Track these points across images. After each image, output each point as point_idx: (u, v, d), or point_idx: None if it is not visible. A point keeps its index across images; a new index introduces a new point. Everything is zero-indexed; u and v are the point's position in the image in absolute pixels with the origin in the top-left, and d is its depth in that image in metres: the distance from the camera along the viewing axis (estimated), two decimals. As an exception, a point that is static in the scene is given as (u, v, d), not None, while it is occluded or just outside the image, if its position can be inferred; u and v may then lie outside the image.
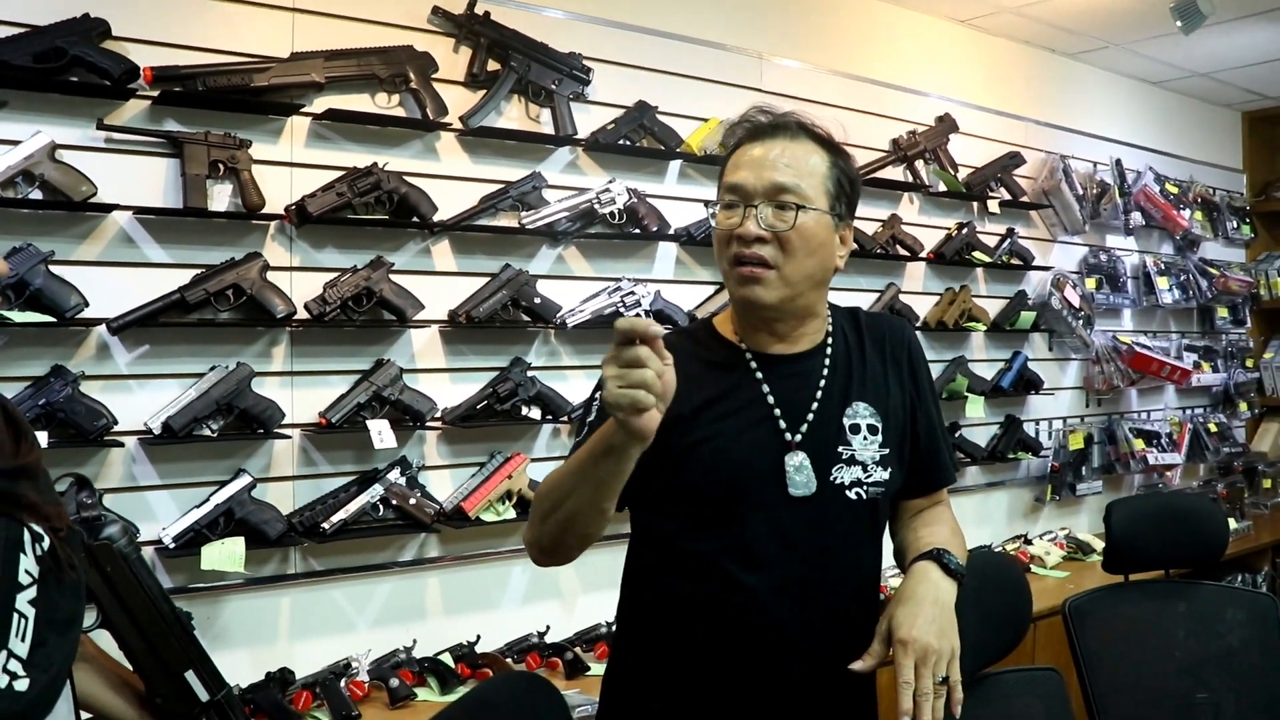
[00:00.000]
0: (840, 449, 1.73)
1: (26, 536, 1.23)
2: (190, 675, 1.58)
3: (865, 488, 1.73)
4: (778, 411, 1.73)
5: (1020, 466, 5.06)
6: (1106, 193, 5.32)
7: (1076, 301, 5.12)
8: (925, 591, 1.64)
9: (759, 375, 1.75)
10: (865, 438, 1.75)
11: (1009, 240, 4.83)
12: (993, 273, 4.88)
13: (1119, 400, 5.59)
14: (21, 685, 1.17)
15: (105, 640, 1.51)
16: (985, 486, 4.92)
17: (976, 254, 4.67)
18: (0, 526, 1.20)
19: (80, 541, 1.41)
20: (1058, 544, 4.81)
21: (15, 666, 1.17)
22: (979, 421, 4.77)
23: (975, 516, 4.77)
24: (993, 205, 4.77)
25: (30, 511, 1.25)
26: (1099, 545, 4.76)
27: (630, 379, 1.36)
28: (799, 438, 1.72)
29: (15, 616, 1.18)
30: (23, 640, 1.19)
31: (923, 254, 4.48)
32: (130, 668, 1.58)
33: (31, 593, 1.21)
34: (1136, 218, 5.47)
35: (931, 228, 4.62)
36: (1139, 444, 5.41)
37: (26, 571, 1.21)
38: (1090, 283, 5.31)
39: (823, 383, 1.76)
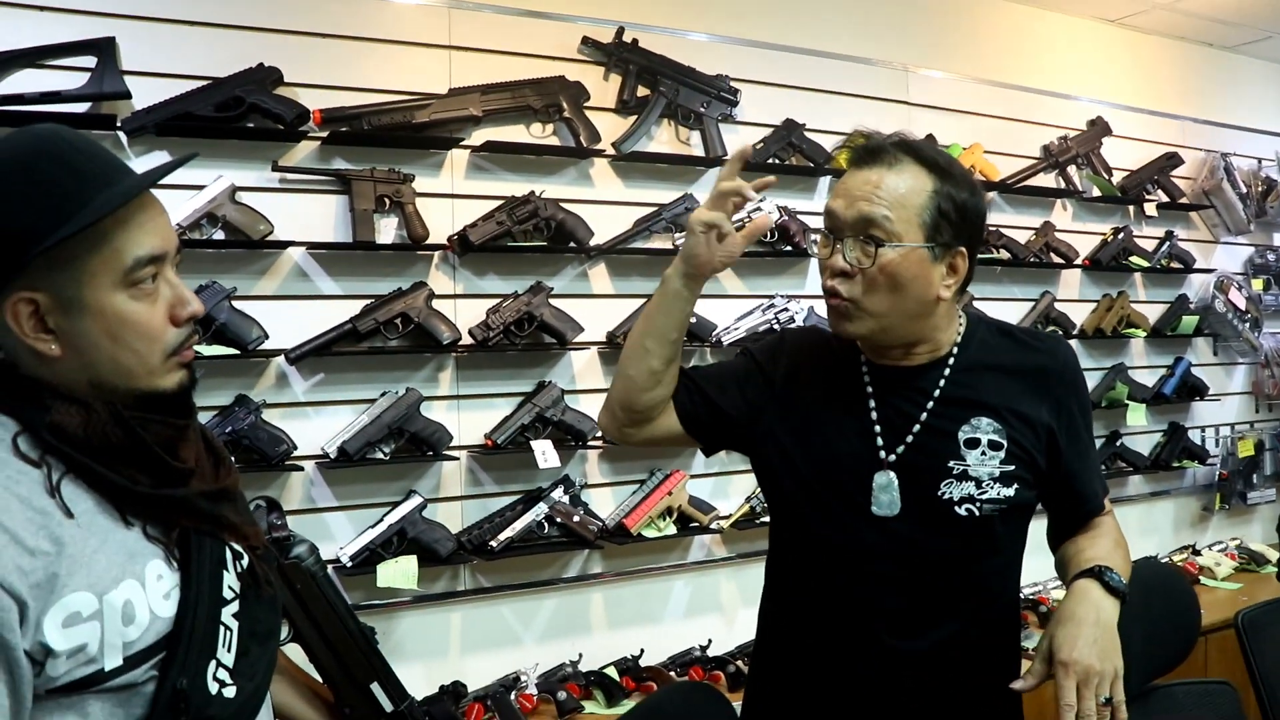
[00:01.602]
0: (952, 464, 1.69)
1: (228, 555, 1.32)
2: (375, 687, 1.66)
3: (978, 504, 1.69)
4: (878, 428, 1.72)
5: (1186, 475, 4.91)
6: (1273, 189, 5.12)
7: (1242, 304, 4.95)
8: (1086, 611, 1.59)
9: (870, 388, 1.74)
10: (984, 453, 1.70)
11: (1168, 243, 4.70)
12: (1151, 277, 4.76)
13: (1291, 405, 5.38)
14: (230, 692, 1.26)
15: (297, 654, 1.60)
16: (1149, 496, 4.79)
17: (1134, 259, 4.55)
18: (205, 546, 1.29)
19: (274, 560, 1.50)
20: (1229, 555, 4.64)
21: (224, 675, 1.26)
22: (1141, 430, 4.65)
23: (1139, 527, 4.65)
24: (1150, 208, 4.65)
25: (231, 531, 1.34)
26: (1274, 556, 4.58)
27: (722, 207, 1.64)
28: (894, 457, 1.70)
29: (222, 629, 1.27)
30: (229, 651, 1.28)
31: (1078, 261, 4.39)
32: (320, 680, 1.67)
33: (235, 607, 1.31)
34: (1306, 213, 5.26)
35: (1086, 234, 4.53)
36: (1314, 449, 5.20)
37: (230, 587, 1.31)
38: (1257, 284, 5.12)
39: (937, 393, 1.73)
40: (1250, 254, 5.20)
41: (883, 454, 1.71)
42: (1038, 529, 1.85)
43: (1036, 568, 2.02)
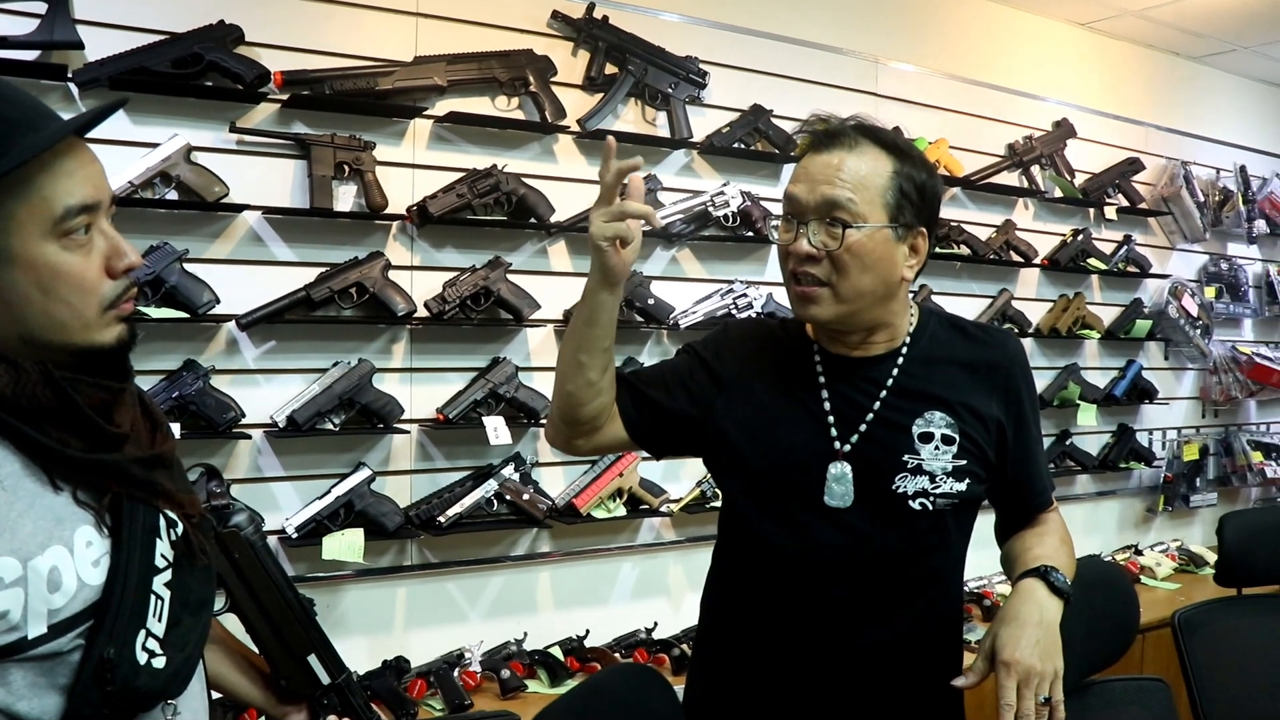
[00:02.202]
0: (906, 457, 1.69)
1: (162, 522, 1.29)
2: (313, 659, 1.63)
3: (932, 499, 1.69)
4: (831, 419, 1.71)
5: (1132, 476, 4.97)
6: (1229, 200, 5.18)
7: (1194, 310, 5.00)
8: (1030, 612, 1.60)
9: (821, 379, 1.74)
10: (937, 447, 1.70)
11: (1125, 247, 4.74)
12: (1108, 280, 4.80)
13: (1237, 412, 5.45)
14: (159, 663, 1.23)
15: (233, 624, 1.57)
16: (1096, 495, 4.84)
17: (1092, 261, 4.59)
18: (138, 513, 1.25)
19: (211, 529, 1.47)
20: (1169, 555, 4.71)
21: (153, 645, 1.22)
22: (1091, 430, 4.69)
23: (1085, 525, 4.69)
24: (1110, 212, 4.68)
25: (165, 499, 1.30)
26: (1212, 558, 4.63)
27: (623, 214, 1.54)
28: (847, 447, 1.70)
29: (153, 598, 1.24)
30: (160, 620, 1.24)
31: (1037, 260, 4.42)
32: (256, 651, 1.64)
33: (167, 575, 1.27)
34: (1260, 225, 5.32)
35: (1046, 234, 4.55)
36: (1257, 457, 5.27)
37: (162, 555, 1.27)
38: (1209, 291, 5.18)
39: (890, 384, 1.73)
40: (1205, 262, 5.27)
41: (837, 444, 1.70)
42: (983, 523, 1.85)
43: (981, 561, 2.03)
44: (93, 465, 1.21)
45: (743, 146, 3.61)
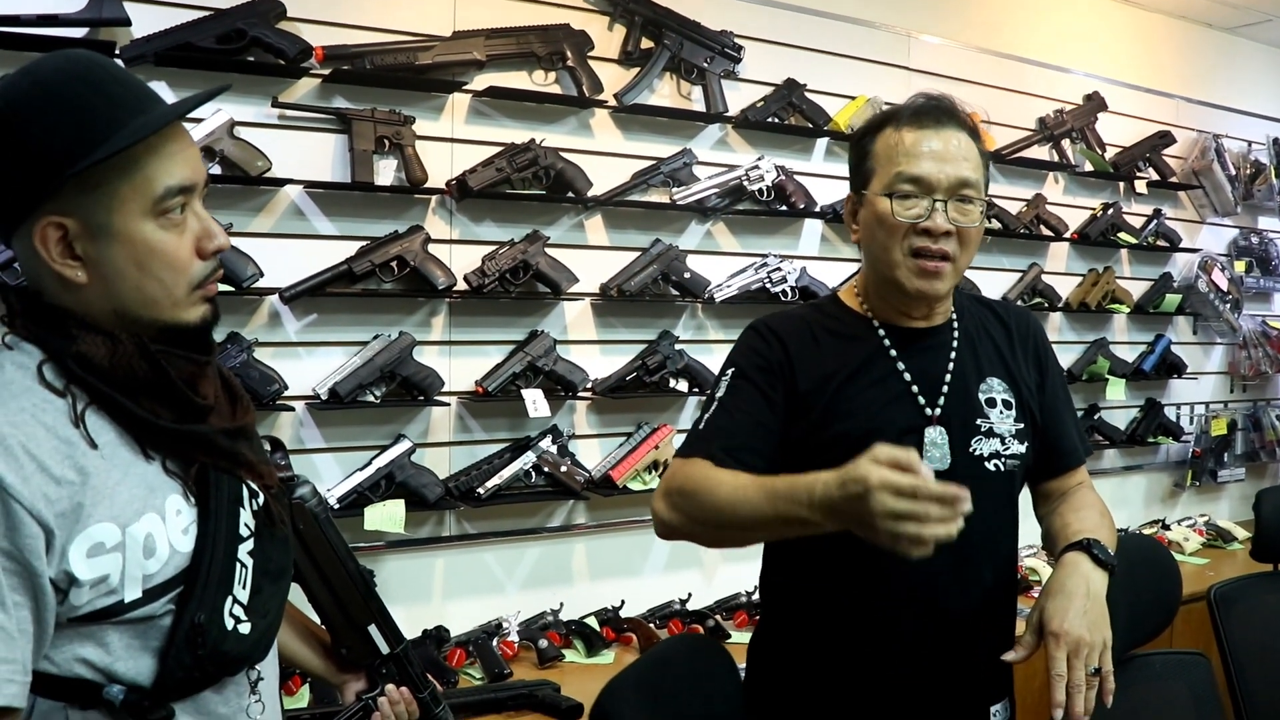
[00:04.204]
0: (979, 421, 1.76)
1: (245, 492, 1.33)
2: (373, 629, 1.67)
3: (1003, 459, 1.76)
4: (915, 388, 1.75)
5: (1160, 451, 4.97)
6: (1261, 173, 5.15)
7: (1224, 285, 4.99)
8: (1076, 584, 1.64)
9: (892, 351, 1.77)
10: (1001, 411, 1.77)
11: (1156, 221, 4.73)
12: (1138, 254, 4.79)
13: (1266, 386, 5.43)
14: (245, 629, 1.27)
15: (295, 594, 1.59)
16: (1123, 470, 4.85)
17: (1122, 235, 4.58)
18: (223, 482, 1.29)
19: (286, 499, 1.50)
20: (1197, 530, 4.70)
21: (239, 611, 1.27)
22: (1119, 404, 4.70)
23: (1113, 500, 4.61)
24: (1140, 185, 4.66)
25: (248, 469, 1.34)
26: (1240, 534, 4.66)
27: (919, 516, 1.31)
28: (937, 411, 1.74)
29: (238, 566, 1.28)
30: (244, 588, 1.29)
31: (1067, 234, 4.41)
32: (318, 620, 1.67)
33: (250, 544, 1.31)
34: (1292, 199, 5.31)
35: (1076, 208, 4.54)
36: (1286, 432, 5.27)
37: (245, 525, 1.31)
38: (1239, 266, 5.16)
39: (954, 354, 1.79)
40: (1235, 236, 5.25)
41: (927, 410, 1.75)
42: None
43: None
44: (183, 435, 1.25)
45: (777, 121, 3.62)
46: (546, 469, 3.15)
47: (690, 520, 1.63)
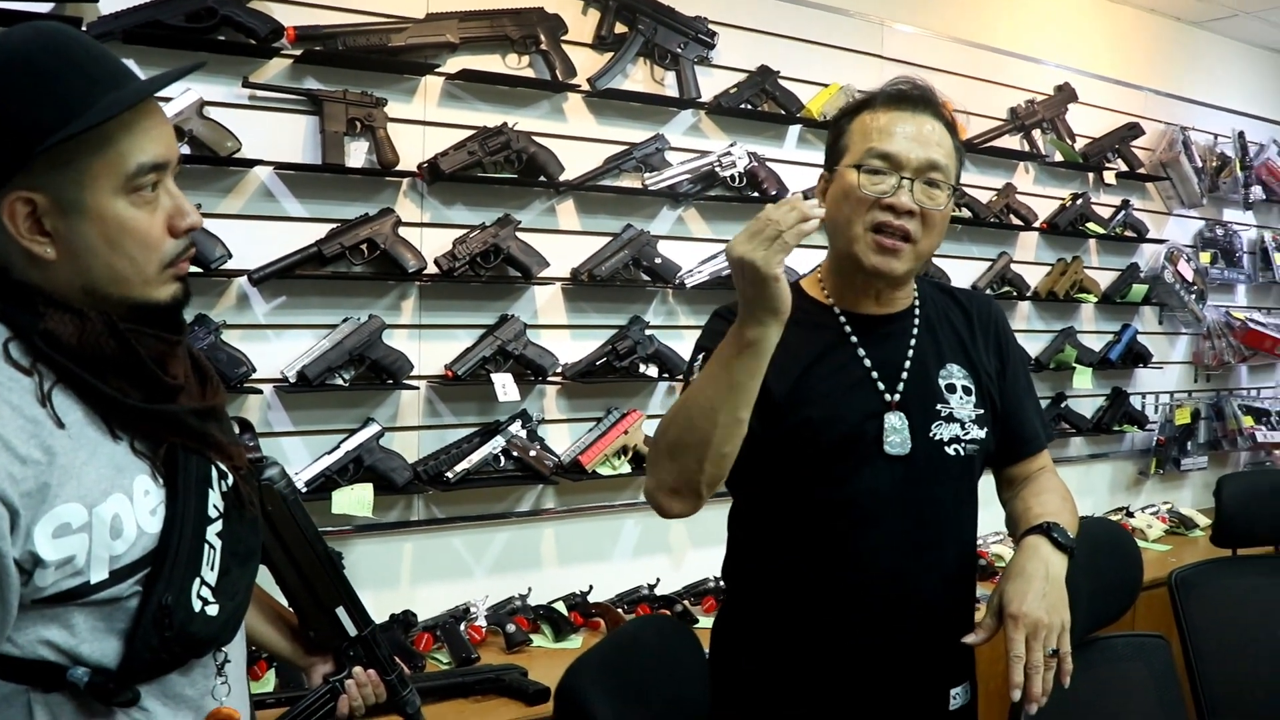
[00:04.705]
0: (939, 406, 1.78)
1: (214, 474, 1.32)
2: (340, 611, 1.67)
3: (963, 444, 1.78)
4: (875, 374, 1.78)
5: (1125, 439, 5.03)
6: (1227, 166, 5.21)
7: (1190, 276, 5.04)
8: (1036, 567, 1.66)
9: (853, 338, 1.80)
10: (961, 397, 1.80)
11: (1123, 212, 4.77)
12: (1106, 244, 4.83)
13: (1229, 377, 5.50)
14: (213, 610, 1.27)
15: (263, 577, 1.59)
16: (1089, 458, 4.90)
17: (1090, 225, 4.61)
18: (192, 463, 1.29)
19: (255, 481, 1.50)
20: (1160, 518, 4.77)
21: (207, 593, 1.26)
22: (1086, 393, 4.74)
23: (1078, 487, 4.69)
24: (1109, 176, 4.70)
25: (217, 450, 1.34)
26: (1202, 521, 4.72)
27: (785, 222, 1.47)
28: (897, 397, 1.76)
29: (206, 547, 1.27)
30: (213, 569, 1.28)
31: (1036, 224, 4.45)
32: (286, 603, 1.67)
33: (218, 526, 1.31)
34: (1257, 192, 5.36)
35: (1046, 198, 4.58)
36: (1248, 421, 5.33)
37: (214, 506, 1.30)
38: (1205, 257, 5.22)
39: (913, 342, 1.82)
40: (1200, 227, 5.30)
41: (887, 396, 1.77)
42: (981, 485, 1.91)
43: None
44: (152, 415, 1.24)
45: (750, 107, 3.62)
46: (515, 453, 3.14)
47: (670, 454, 1.64)
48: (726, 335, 1.56)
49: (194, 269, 2.65)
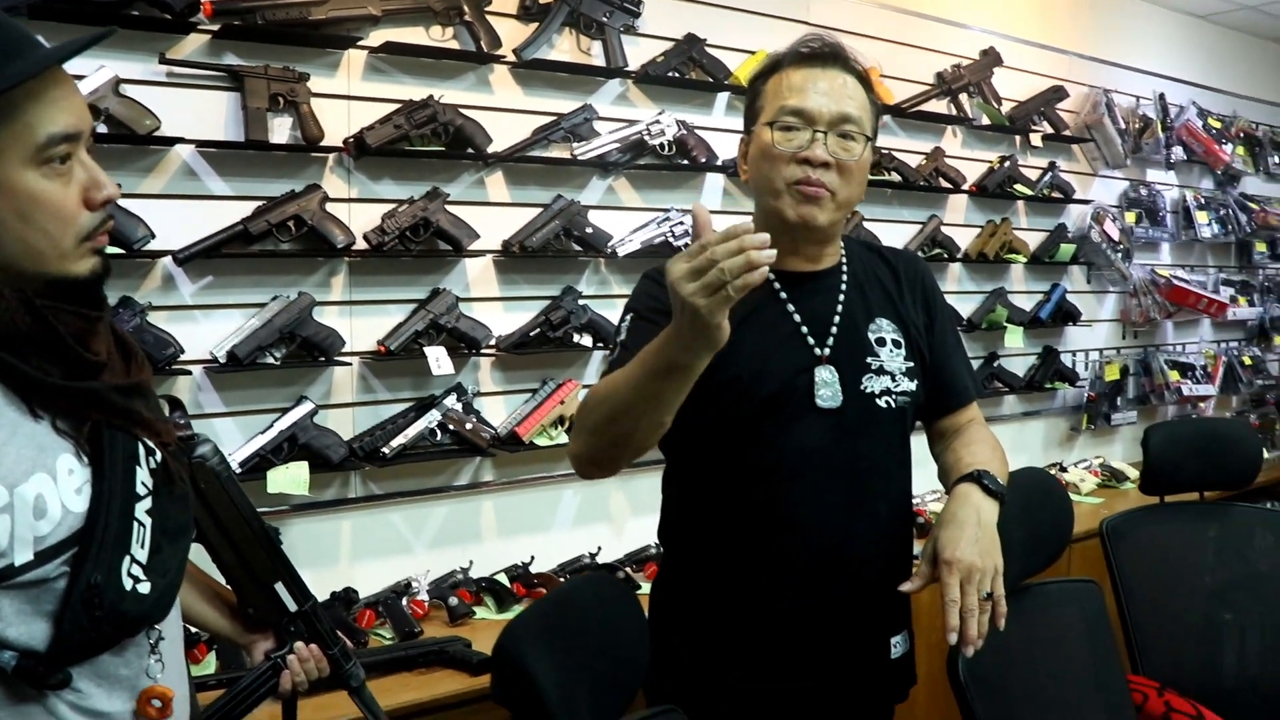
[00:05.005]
0: (869, 359, 1.82)
1: (141, 450, 1.30)
2: (279, 586, 1.66)
3: (894, 396, 1.82)
4: (805, 329, 1.81)
5: (1057, 396, 5.11)
6: (1149, 127, 5.31)
7: (1116, 235, 5.13)
8: (967, 514, 1.70)
9: (783, 294, 1.82)
10: (891, 350, 1.84)
11: (1050, 174, 4.84)
12: (1034, 206, 4.90)
13: (1155, 333, 5.62)
14: (144, 589, 1.25)
15: (198, 555, 1.57)
16: (1022, 415, 4.98)
17: (1018, 187, 4.68)
18: (118, 441, 1.27)
19: (184, 458, 1.48)
20: (1092, 472, 4.88)
21: (137, 571, 1.24)
22: (1018, 352, 4.82)
23: (1012, 445, 4.75)
24: (1035, 139, 4.77)
25: (143, 427, 1.32)
26: (1133, 474, 4.83)
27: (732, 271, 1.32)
28: (827, 351, 1.80)
29: (135, 525, 1.25)
30: (142, 547, 1.26)
31: (965, 186, 4.50)
32: (224, 581, 1.66)
33: (147, 503, 1.29)
34: (1178, 152, 5.46)
35: (974, 161, 4.63)
36: (1174, 375, 5.45)
37: (142, 483, 1.28)
38: (1130, 217, 5.31)
39: (842, 297, 1.85)
40: (1125, 188, 5.40)
41: (817, 351, 1.79)
42: (916, 445, 1.95)
43: (914, 478, 2.09)
44: (73, 393, 1.22)
45: (677, 76, 3.62)
46: (452, 427, 3.14)
47: (593, 431, 1.65)
48: (657, 340, 1.49)
49: (117, 250, 2.63)
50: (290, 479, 2.88)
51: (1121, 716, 2.30)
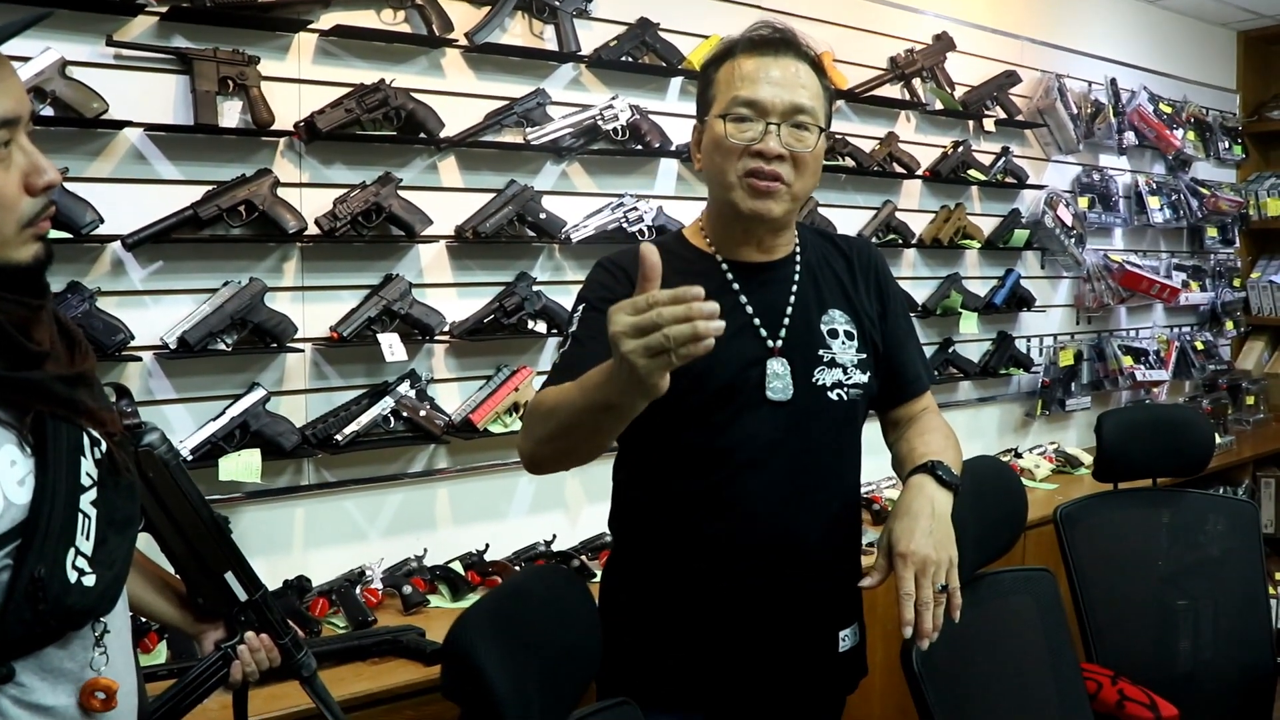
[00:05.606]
0: (821, 352, 1.81)
1: (85, 441, 1.28)
2: (229, 576, 1.65)
3: (846, 389, 1.82)
4: (757, 321, 1.80)
5: (1011, 382, 5.15)
6: (1100, 112, 5.35)
7: (1069, 220, 5.17)
8: (921, 505, 1.70)
9: (735, 285, 1.82)
10: (843, 341, 1.83)
11: (1004, 159, 4.86)
12: (987, 191, 4.92)
13: (1109, 318, 5.67)
14: (89, 581, 1.23)
15: (146, 545, 1.56)
16: (977, 401, 5.01)
17: (972, 172, 4.70)
18: (62, 431, 1.25)
19: (130, 447, 1.46)
20: (1047, 458, 4.90)
21: (83, 563, 1.23)
22: (972, 338, 4.85)
23: (967, 431, 4.83)
24: (988, 124, 4.79)
25: (88, 417, 1.30)
26: (1087, 459, 4.85)
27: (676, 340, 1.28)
28: (779, 344, 1.79)
29: (80, 516, 1.24)
30: (88, 539, 1.25)
31: (919, 172, 4.51)
32: (173, 570, 1.64)
33: (93, 494, 1.27)
34: (1130, 137, 5.50)
35: (928, 146, 4.64)
36: (1127, 361, 5.50)
37: (87, 474, 1.27)
38: (1083, 202, 5.35)
39: (795, 288, 1.84)
40: (1078, 173, 5.43)
41: (769, 343, 1.79)
42: (871, 431, 1.96)
43: (869, 467, 2.10)
44: (16, 383, 1.20)
45: (631, 60, 3.61)
46: (405, 414, 3.12)
47: (539, 441, 1.64)
48: (596, 374, 1.45)
49: (65, 235, 2.60)
50: (242, 466, 2.85)
51: (1075, 705, 2.32)
